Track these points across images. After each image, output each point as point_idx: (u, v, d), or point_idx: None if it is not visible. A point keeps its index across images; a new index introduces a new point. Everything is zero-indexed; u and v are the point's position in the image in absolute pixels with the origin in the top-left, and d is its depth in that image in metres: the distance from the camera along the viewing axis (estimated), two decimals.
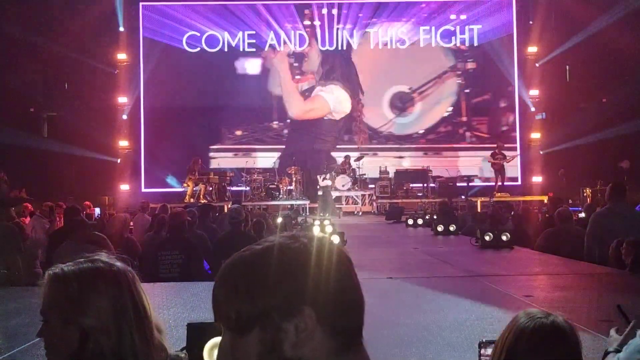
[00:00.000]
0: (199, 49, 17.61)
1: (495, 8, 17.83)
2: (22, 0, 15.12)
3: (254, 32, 17.70)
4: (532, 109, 17.62)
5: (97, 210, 13.63)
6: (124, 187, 16.72)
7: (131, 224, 8.71)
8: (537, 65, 17.62)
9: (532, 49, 17.55)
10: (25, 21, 15.19)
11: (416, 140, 17.85)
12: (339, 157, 16.85)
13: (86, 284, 1.33)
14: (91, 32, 15.79)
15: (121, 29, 17.19)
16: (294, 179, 15.42)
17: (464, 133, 17.94)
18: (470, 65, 17.84)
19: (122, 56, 17.33)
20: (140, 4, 17.51)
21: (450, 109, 17.87)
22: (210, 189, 14.78)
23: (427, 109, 17.83)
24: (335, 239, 6.25)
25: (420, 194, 15.60)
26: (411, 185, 15.89)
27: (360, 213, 15.02)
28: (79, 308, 1.31)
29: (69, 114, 16.15)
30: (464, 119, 17.98)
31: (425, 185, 15.80)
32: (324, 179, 14.91)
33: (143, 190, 16.88)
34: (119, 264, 1.41)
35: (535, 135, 17.54)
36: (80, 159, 15.71)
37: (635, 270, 4.24)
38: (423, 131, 17.81)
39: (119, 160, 17.16)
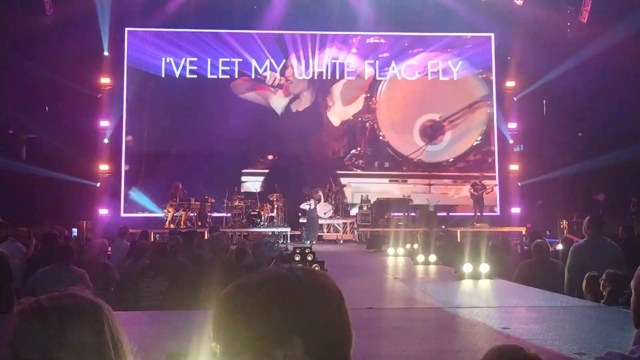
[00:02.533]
0: (179, 74, 17.78)
1: (475, 44, 18.38)
2: (4, 21, 15.06)
3: (240, 60, 17.92)
4: (511, 141, 18.03)
5: (75, 231, 13.41)
6: (103, 211, 16.51)
7: (109, 249, 8.61)
8: (515, 99, 18.11)
9: (510, 84, 18.07)
10: (8, 42, 15.12)
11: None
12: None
13: (68, 319, 1.29)
14: (75, 55, 15.75)
15: (105, 53, 17.24)
16: (276, 205, 15.41)
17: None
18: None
19: (105, 80, 17.33)
20: (126, 29, 17.61)
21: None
22: (192, 214, 14.68)
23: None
24: (316, 269, 6.26)
25: (401, 223, 15.69)
26: (392, 214, 15.99)
27: (342, 241, 15.04)
28: (60, 343, 1.26)
29: (49, 136, 15.99)
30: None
31: (406, 214, 15.91)
32: (306, 203, 14.92)
33: (122, 215, 16.67)
34: (98, 299, 1.38)
35: (514, 167, 17.91)
36: (59, 182, 15.48)
37: (611, 302, 4.33)
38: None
39: (98, 185, 16.97)
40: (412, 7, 17.27)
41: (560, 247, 9.47)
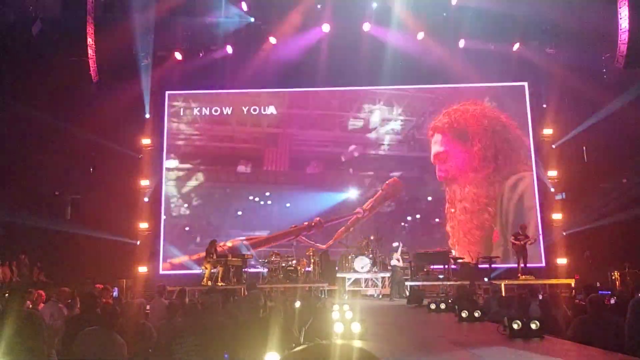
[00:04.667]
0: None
1: (509, 92, 18.28)
2: (51, 85, 15.87)
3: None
4: (552, 190, 17.53)
5: (116, 291, 13.47)
6: (142, 269, 16.66)
7: (148, 307, 8.57)
8: (553, 146, 17.76)
9: (548, 131, 17.77)
10: (54, 105, 15.90)
11: None
12: None
13: None
14: (118, 118, 16.44)
15: (147, 115, 17.93)
16: (312, 260, 15.22)
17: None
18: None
19: (146, 141, 17.94)
20: (167, 92, 18.35)
21: None
22: (230, 270, 14.58)
23: None
24: (356, 326, 6.02)
25: (441, 276, 15.20)
26: (432, 267, 15.53)
27: (381, 296, 14.62)
28: None
29: (92, 196, 16.47)
30: None
31: (446, 266, 15.43)
32: (393, 257, 14.62)
33: (161, 272, 16.79)
34: None
35: (557, 216, 17.32)
36: (101, 241, 15.80)
37: None
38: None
39: (138, 242, 17.24)
40: (441, 59, 17.37)
41: (613, 301, 8.94)
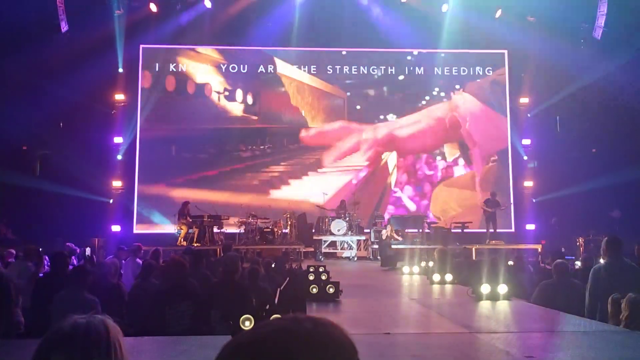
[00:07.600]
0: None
1: (489, 60, 18.32)
2: (19, 38, 15.24)
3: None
4: (525, 158, 17.86)
5: (88, 251, 13.34)
6: (116, 228, 16.51)
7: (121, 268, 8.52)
8: (528, 115, 17.99)
9: (524, 100, 17.96)
10: (22, 59, 15.28)
11: None
12: None
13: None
14: (90, 72, 15.88)
15: (120, 70, 17.38)
16: (289, 222, 15.30)
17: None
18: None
19: (119, 97, 17.46)
20: (141, 46, 17.77)
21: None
22: (206, 231, 14.53)
23: None
24: (330, 289, 6.12)
25: (416, 240, 15.50)
26: (407, 230, 15.80)
27: (356, 258, 14.85)
28: None
29: (62, 153, 16.06)
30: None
31: (420, 231, 15.72)
32: (379, 229, 14.70)
33: (135, 231, 16.68)
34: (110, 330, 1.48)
35: (528, 184, 17.72)
36: (72, 198, 15.51)
37: (633, 327, 4.19)
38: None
39: (111, 201, 17.01)
40: (424, 23, 17.25)
41: (579, 264, 9.29)
